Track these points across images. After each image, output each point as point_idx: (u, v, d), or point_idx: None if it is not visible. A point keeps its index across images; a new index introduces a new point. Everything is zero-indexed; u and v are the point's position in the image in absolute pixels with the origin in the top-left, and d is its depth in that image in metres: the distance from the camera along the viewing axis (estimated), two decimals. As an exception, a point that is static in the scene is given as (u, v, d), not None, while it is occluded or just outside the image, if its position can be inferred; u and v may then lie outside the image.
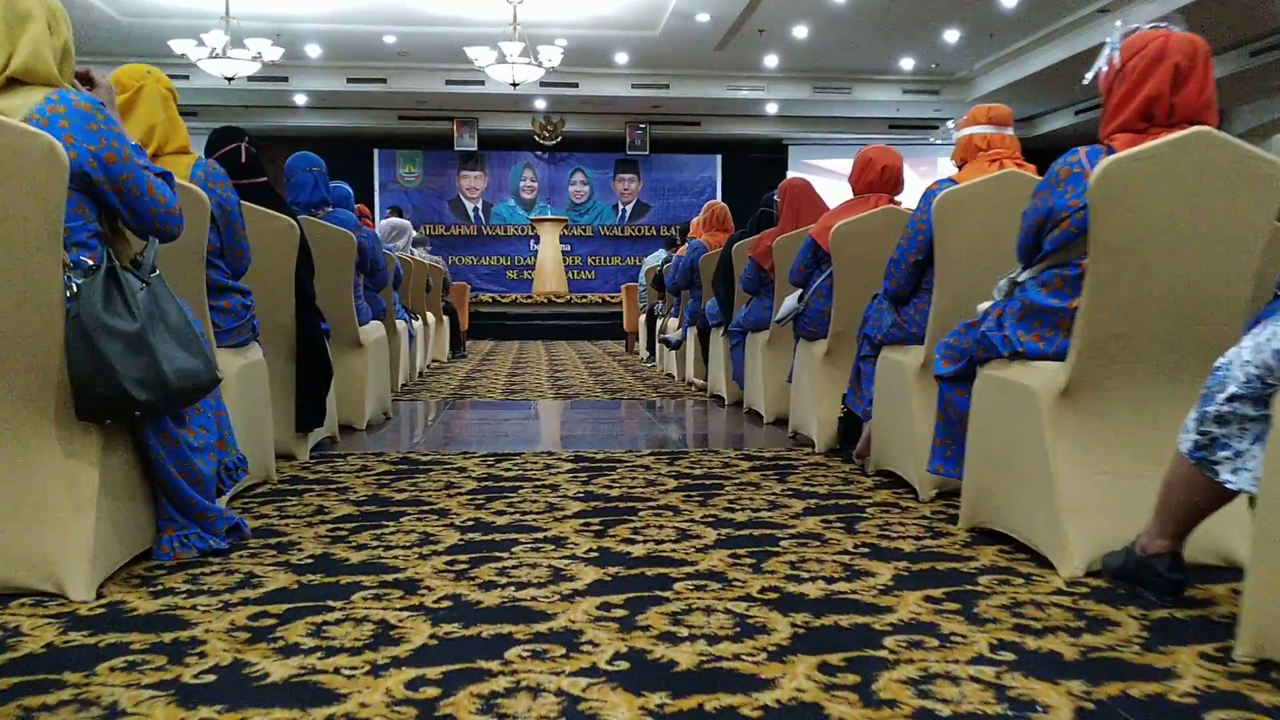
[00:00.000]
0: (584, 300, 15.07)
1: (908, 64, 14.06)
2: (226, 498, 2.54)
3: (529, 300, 15.00)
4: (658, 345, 7.88)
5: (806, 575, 2.01)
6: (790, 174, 17.09)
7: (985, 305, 2.38)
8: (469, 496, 2.81)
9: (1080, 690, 1.42)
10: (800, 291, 3.84)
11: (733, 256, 5.01)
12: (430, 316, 7.93)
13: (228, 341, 2.74)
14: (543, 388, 6.28)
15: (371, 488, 2.95)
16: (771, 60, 13.83)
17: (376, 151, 16.61)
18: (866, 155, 3.60)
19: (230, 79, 11.06)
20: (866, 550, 2.22)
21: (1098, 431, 2.06)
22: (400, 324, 6.05)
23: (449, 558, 2.14)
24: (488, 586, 1.93)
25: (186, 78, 13.44)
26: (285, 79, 14.03)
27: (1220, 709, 1.36)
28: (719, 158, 17.14)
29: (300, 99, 14.87)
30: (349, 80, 14.18)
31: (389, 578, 1.99)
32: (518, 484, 3.01)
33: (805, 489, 2.94)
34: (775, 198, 4.63)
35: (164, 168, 2.12)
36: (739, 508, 2.67)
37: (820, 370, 3.68)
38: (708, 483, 3.04)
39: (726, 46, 13.04)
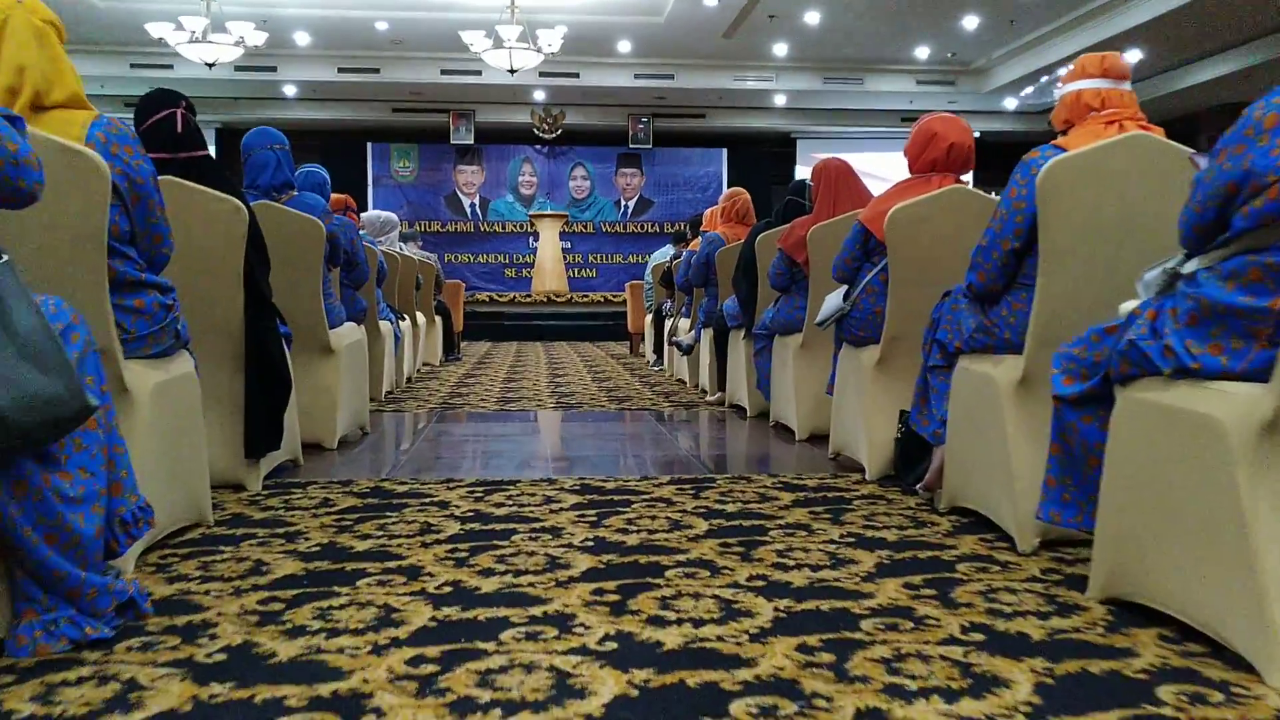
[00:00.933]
0: (585, 299, 14.46)
1: (923, 53, 13.48)
2: (132, 554, 1.97)
3: (528, 299, 14.39)
4: (666, 348, 7.30)
5: (913, 684, 1.43)
6: (799, 169, 16.50)
7: (1131, 305, 1.80)
8: (449, 546, 2.23)
9: None
10: (846, 288, 3.26)
11: (756, 249, 4.43)
12: (420, 317, 7.34)
13: (141, 350, 2.16)
14: (542, 395, 5.69)
15: (329, 532, 2.37)
16: (781, 49, 13.25)
17: (370, 145, 16.02)
18: (930, 128, 3.02)
19: (211, 64, 10.48)
20: (981, 637, 1.63)
21: (1320, 482, 1.48)
22: (384, 325, 5.47)
23: (413, 652, 1.56)
24: (463, 708, 1.35)
25: (170, 67, 12.92)
26: (274, 68, 13.48)
27: None
28: (724, 152, 16.56)
29: (290, 90, 14.30)
30: (340, 70, 13.61)
31: (324, 690, 1.41)
32: (511, 526, 2.43)
33: (869, 534, 2.36)
34: (809, 182, 4.05)
35: (15, 112, 1.55)
36: (792, 563, 2.09)
37: (871, 382, 3.10)
38: (746, 524, 2.46)
39: (735, 34, 12.47)
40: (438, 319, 8.30)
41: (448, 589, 1.90)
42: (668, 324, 7.31)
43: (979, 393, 2.39)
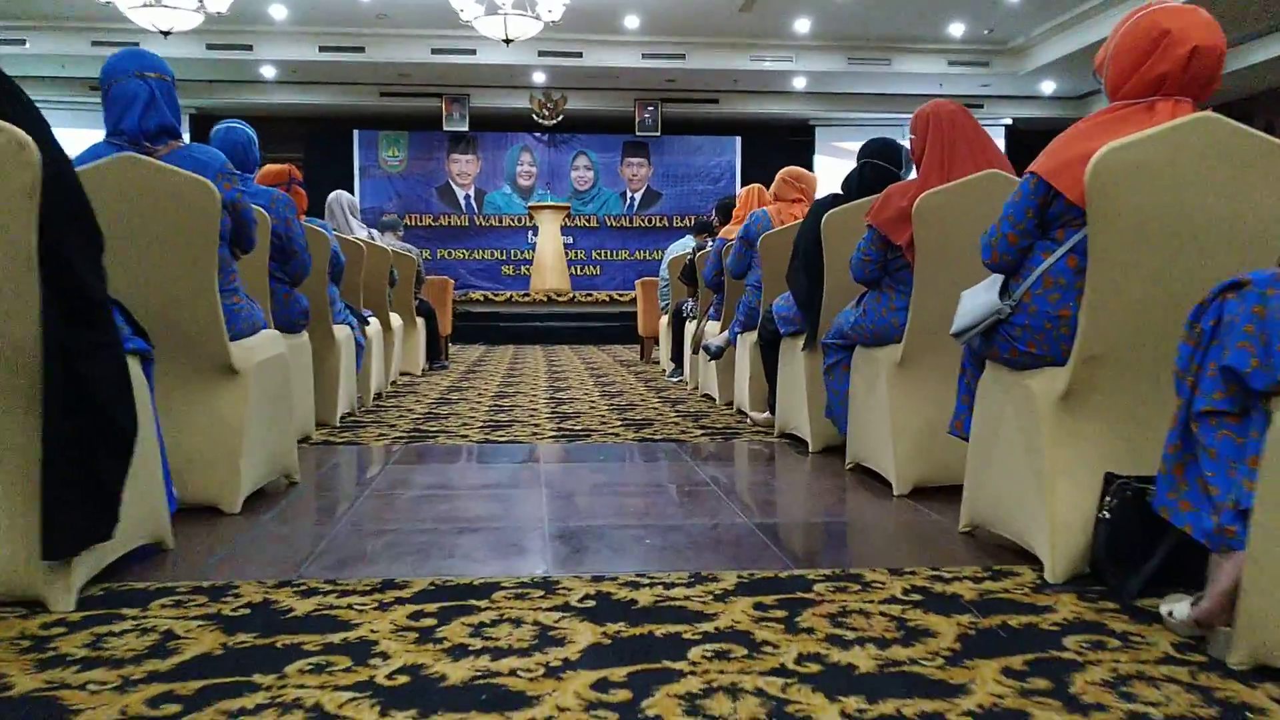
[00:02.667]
0: (588, 299, 13.30)
1: (957, 30, 12.34)
2: None
3: (526, 299, 13.24)
4: (687, 356, 6.16)
5: None
6: (818, 159, 15.30)
7: None
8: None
9: None
10: (1002, 281, 2.13)
11: (824, 232, 3.30)
12: (396, 319, 6.20)
13: None
14: (539, 418, 4.56)
15: (124, 739, 1.24)
16: (803, 25, 12.11)
17: (356, 133, 14.88)
18: (1155, 23, 1.90)
19: (167, 33, 9.36)
20: None
21: None
22: (342, 330, 4.36)
23: None
24: None
25: (136, 44, 11.79)
26: (249, 47, 12.37)
27: None
28: (738, 140, 15.42)
29: (268, 71, 13.16)
30: (321, 49, 12.47)
31: None
32: None
33: (1154, 744, 1.24)
34: (911, 135, 2.91)
35: None
36: None
37: (1051, 427, 1.98)
38: (906, 712, 1.33)
39: (752, 8, 11.33)
40: (420, 321, 7.17)
41: None
42: (689, 327, 6.17)
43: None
